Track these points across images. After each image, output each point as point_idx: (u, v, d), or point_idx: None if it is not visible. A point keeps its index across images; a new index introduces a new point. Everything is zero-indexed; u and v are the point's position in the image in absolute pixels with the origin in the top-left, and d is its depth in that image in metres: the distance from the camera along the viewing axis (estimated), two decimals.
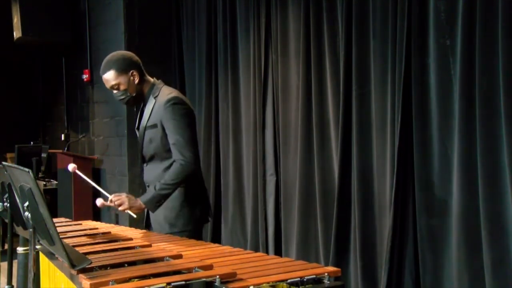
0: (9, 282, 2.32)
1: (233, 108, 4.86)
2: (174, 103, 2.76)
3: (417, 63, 3.17)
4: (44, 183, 6.33)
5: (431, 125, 3.14)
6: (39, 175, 6.58)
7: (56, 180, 6.26)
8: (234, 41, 4.86)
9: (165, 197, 2.72)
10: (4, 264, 2.64)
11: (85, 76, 6.36)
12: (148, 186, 2.92)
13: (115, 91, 2.83)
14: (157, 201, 2.71)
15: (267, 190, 4.43)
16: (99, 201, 2.79)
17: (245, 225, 4.78)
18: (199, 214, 2.91)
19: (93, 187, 3.07)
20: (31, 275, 1.97)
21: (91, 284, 1.71)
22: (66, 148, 6.58)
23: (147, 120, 2.84)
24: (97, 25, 6.17)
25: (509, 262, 2.73)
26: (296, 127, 4.13)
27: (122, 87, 2.80)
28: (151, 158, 2.89)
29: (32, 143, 7.34)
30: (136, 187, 5.53)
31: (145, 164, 2.95)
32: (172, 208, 2.81)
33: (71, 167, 3.03)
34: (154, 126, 2.81)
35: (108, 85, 2.83)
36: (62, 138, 6.93)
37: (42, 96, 8.04)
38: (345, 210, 3.69)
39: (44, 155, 6.74)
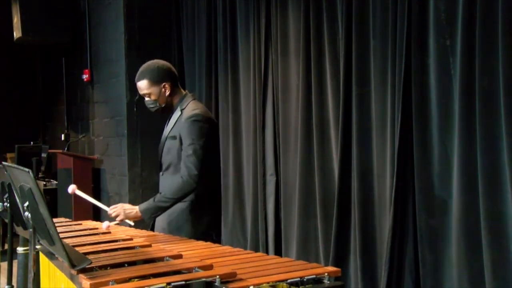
0: (9, 282, 2.32)
1: (233, 108, 4.86)
2: (195, 120, 2.82)
3: (417, 63, 3.16)
4: (44, 183, 6.33)
5: (431, 125, 3.14)
6: (39, 175, 6.59)
7: (56, 180, 6.27)
8: (234, 41, 4.86)
9: (161, 209, 2.79)
10: (4, 264, 2.65)
11: (85, 76, 6.36)
12: (161, 193, 2.93)
13: (146, 98, 2.94)
14: (153, 212, 2.79)
15: (267, 190, 4.42)
16: (105, 224, 2.86)
17: (245, 225, 4.78)
18: (203, 229, 2.90)
19: (93, 199, 3.21)
20: (31, 275, 1.97)
21: (91, 284, 1.71)
22: (66, 148, 6.58)
23: (170, 130, 2.93)
24: (97, 25, 6.17)
25: (509, 262, 2.73)
26: (296, 127, 4.13)
27: (153, 97, 2.91)
28: (167, 168, 2.96)
29: (32, 143, 7.35)
30: (136, 187, 5.53)
31: (161, 173, 3.02)
32: (177, 219, 2.87)
33: (71, 188, 3.08)
34: (174, 137, 2.90)
35: (140, 92, 2.96)
36: (62, 138, 6.93)
37: (42, 96, 8.04)
38: (345, 210, 3.69)
39: (44, 155, 6.75)
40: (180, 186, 2.77)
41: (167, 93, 2.91)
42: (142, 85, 2.91)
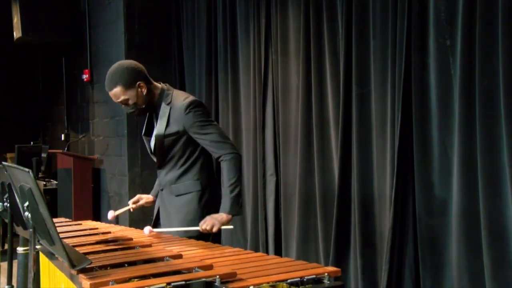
0: (9, 282, 2.32)
1: (233, 108, 4.86)
2: (194, 107, 2.74)
3: (417, 63, 3.17)
4: (44, 183, 6.33)
5: (431, 125, 3.14)
6: (39, 175, 6.58)
7: (56, 180, 6.26)
8: (234, 41, 4.86)
9: (239, 195, 2.73)
10: (4, 264, 2.64)
11: (85, 76, 6.36)
12: (162, 190, 2.91)
13: (124, 106, 2.78)
14: (236, 203, 2.72)
15: (267, 190, 4.42)
16: (110, 214, 2.89)
17: (245, 225, 4.78)
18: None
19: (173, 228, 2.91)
20: (31, 275, 1.97)
21: (91, 284, 1.71)
22: (66, 148, 6.58)
23: (166, 127, 2.77)
24: (97, 25, 6.17)
25: (509, 262, 2.73)
26: (296, 127, 4.13)
27: (131, 102, 2.74)
28: (167, 163, 2.86)
29: (32, 143, 7.34)
30: (136, 187, 5.53)
31: (159, 168, 2.92)
32: (188, 212, 2.80)
33: (147, 230, 2.78)
34: (176, 132, 2.77)
35: (116, 100, 2.76)
36: (62, 138, 6.94)
37: (42, 96, 8.04)
38: (345, 210, 3.69)
39: (44, 155, 6.74)
40: (232, 164, 2.74)
41: (145, 91, 2.73)
42: (117, 93, 2.71)
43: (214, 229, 2.65)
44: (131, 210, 2.99)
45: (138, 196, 3.00)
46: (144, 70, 2.79)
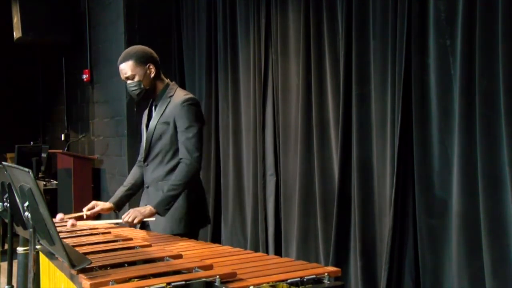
0: (9, 282, 2.31)
1: (233, 108, 4.86)
2: (190, 103, 2.83)
3: (417, 63, 3.17)
4: (44, 183, 6.33)
5: (431, 125, 3.14)
6: (39, 175, 6.59)
7: (56, 180, 6.26)
8: (234, 41, 4.86)
9: (174, 197, 2.74)
10: (4, 264, 2.65)
11: (85, 76, 6.36)
12: (148, 187, 2.95)
13: (129, 81, 2.87)
14: (167, 203, 2.72)
15: (267, 190, 4.42)
16: (58, 217, 2.86)
17: (245, 225, 4.78)
18: (201, 217, 2.90)
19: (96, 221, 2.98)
20: (31, 275, 1.97)
21: (91, 284, 1.71)
22: (66, 148, 6.58)
23: (160, 117, 2.87)
24: (97, 25, 6.17)
25: (509, 262, 2.73)
26: (296, 127, 4.13)
27: (137, 78, 2.84)
28: (154, 157, 2.90)
29: (32, 143, 7.35)
30: None
31: (145, 164, 2.96)
32: (174, 209, 2.81)
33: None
34: (167, 123, 2.84)
35: (123, 75, 2.87)
36: (62, 138, 6.94)
37: (42, 96, 8.04)
38: (345, 210, 3.69)
39: (44, 155, 6.75)
40: (186, 170, 2.75)
41: (152, 74, 2.86)
42: (127, 66, 2.84)
43: (136, 221, 2.68)
44: (85, 217, 2.92)
45: (93, 202, 2.95)
46: (157, 59, 2.92)
